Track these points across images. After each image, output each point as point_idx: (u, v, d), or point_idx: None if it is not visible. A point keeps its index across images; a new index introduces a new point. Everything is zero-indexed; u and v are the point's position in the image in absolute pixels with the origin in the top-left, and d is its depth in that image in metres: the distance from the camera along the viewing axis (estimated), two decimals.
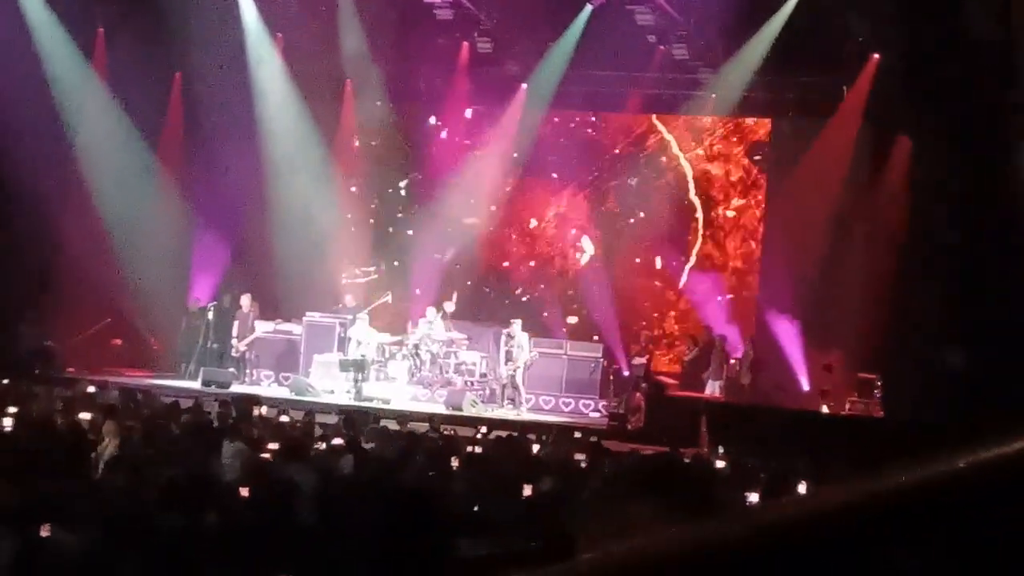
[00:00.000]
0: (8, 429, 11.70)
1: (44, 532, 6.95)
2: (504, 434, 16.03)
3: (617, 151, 28.54)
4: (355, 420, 15.36)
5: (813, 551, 1.45)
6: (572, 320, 27.91)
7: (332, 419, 15.96)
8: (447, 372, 24.23)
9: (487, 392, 24.16)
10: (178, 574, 6.44)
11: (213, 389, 22.23)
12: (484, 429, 17.12)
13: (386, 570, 6.21)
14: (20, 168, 23.22)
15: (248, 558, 6.71)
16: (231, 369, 24.43)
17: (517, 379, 23.75)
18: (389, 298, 26.20)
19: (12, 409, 12.92)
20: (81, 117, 25.87)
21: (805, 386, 24.81)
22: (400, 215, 29.62)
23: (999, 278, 20.55)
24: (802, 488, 10.44)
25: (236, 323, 25.13)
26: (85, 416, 12.35)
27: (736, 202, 27.90)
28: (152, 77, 26.27)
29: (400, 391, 23.85)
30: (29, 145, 23.36)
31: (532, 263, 29.12)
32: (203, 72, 26.46)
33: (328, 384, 23.80)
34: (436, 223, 28.18)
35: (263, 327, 25.33)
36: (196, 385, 23.24)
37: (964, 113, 21.15)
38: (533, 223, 29.28)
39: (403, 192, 29.63)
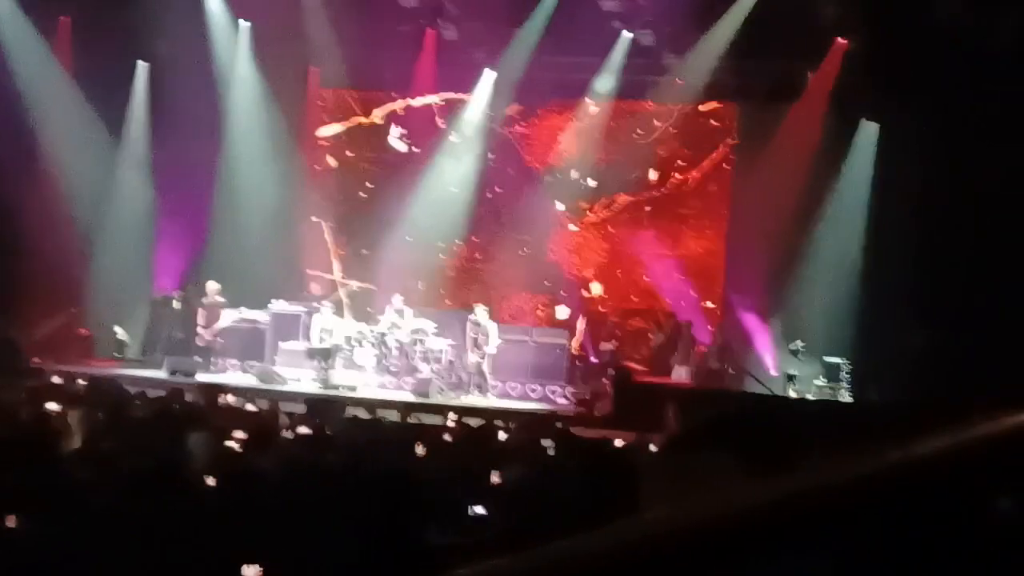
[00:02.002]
0: None
1: (9, 523, 6.90)
2: (472, 421, 16.01)
3: None
4: (322, 408, 15.32)
5: (788, 538, 1.44)
6: (543, 313, 27.80)
7: (299, 407, 15.90)
8: (414, 359, 24.21)
9: (454, 379, 24.14)
10: (145, 564, 6.40)
11: (178, 378, 22.15)
12: (452, 416, 17.09)
13: (355, 559, 6.19)
14: None
15: (215, 548, 6.68)
16: (196, 358, 24.34)
17: (484, 366, 23.76)
18: (355, 286, 26.18)
19: None
20: (45, 107, 25.75)
21: (773, 371, 24.88)
22: (365, 199, 29.47)
23: (965, 262, 20.63)
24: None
25: (202, 312, 25.04)
26: (51, 406, 12.27)
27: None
28: (116, 66, 26.22)
29: (367, 379, 23.85)
30: None
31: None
32: (168, 60, 26.40)
33: (295, 372, 23.77)
34: (404, 207, 28.13)
35: (229, 316, 25.26)
36: (162, 374, 23.15)
37: (931, 98, 21.20)
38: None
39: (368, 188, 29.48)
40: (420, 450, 11.24)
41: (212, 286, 25.16)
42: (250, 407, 15.41)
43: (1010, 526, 1.47)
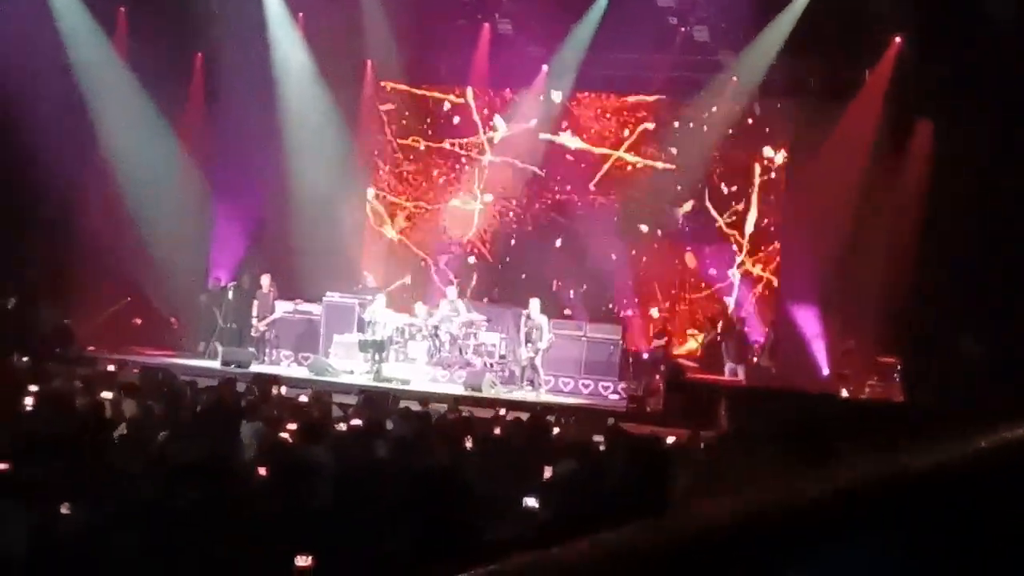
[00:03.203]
0: (29, 408, 11.71)
1: (64, 510, 6.96)
2: (523, 415, 16.00)
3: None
4: (375, 400, 15.36)
5: (828, 533, 1.46)
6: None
7: (352, 399, 15.94)
8: (466, 353, 24.23)
9: (506, 373, 24.15)
10: (196, 554, 6.43)
11: (233, 369, 22.24)
12: (503, 411, 17.08)
13: (406, 551, 6.20)
14: (42, 149, 23.27)
15: (266, 538, 6.71)
16: (250, 349, 24.46)
17: (537, 361, 23.73)
18: (408, 280, 26.22)
19: (32, 388, 12.93)
20: (102, 98, 25.95)
21: (825, 370, 24.76)
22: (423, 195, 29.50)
23: (1020, 266, 20.46)
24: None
25: (256, 303, 25.17)
26: (105, 395, 12.35)
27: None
28: (173, 57, 26.34)
29: (419, 372, 23.88)
30: (51, 126, 23.39)
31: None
32: (224, 52, 26.51)
33: (348, 364, 23.83)
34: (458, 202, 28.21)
35: (283, 307, 25.38)
36: (216, 365, 23.26)
37: (988, 97, 21.04)
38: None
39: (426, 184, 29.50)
40: (470, 444, 11.26)
41: (265, 278, 25.30)
42: (303, 398, 15.45)
43: None
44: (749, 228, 27.36)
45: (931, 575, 1.49)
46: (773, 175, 27.33)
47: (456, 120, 29.20)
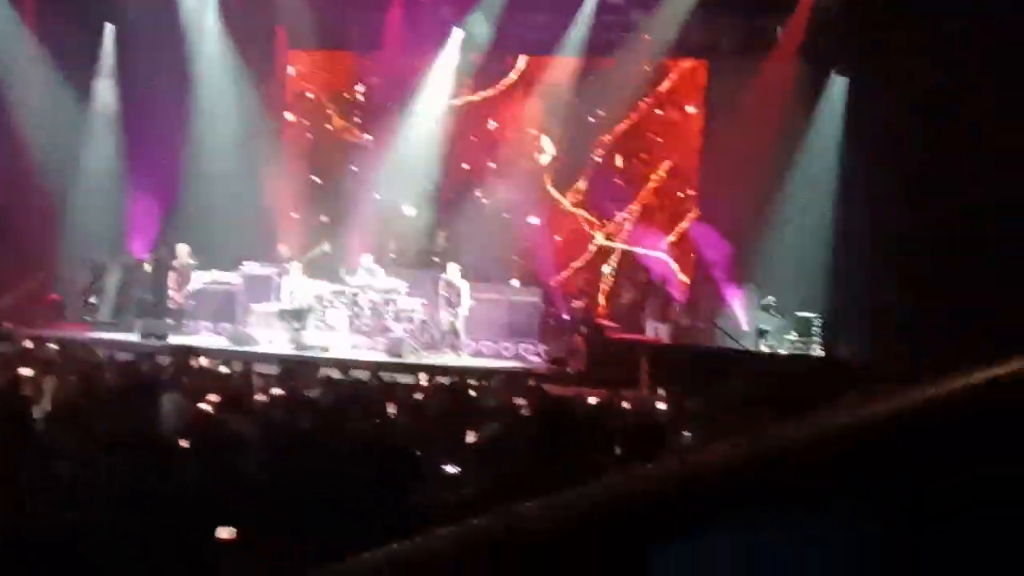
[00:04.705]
0: None
1: None
2: (446, 380, 16.01)
3: None
4: (296, 369, 15.30)
5: (750, 493, 1.45)
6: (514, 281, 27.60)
7: (272, 369, 15.87)
8: (386, 319, 24.17)
9: (427, 338, 24.11)
10: (119, 528, 6.37)
11: (151, 341, 22.07)
12: (424, 376, 17.08)
13: (336, 521, 6.18)
14: None
15: (189, 510, 6.66)
16: (168, 320, 24.26)
17: (458, 325, 23.75)
18: (327, 247, 26.11)
19: None
20: (11, 70, 25.55)
21: (745, 326, 24.94)
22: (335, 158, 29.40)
23: (935, 215, 20.63)
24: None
25: (172, 274, 24.95)
26: (23, 371, 12.21)
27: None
28: (83, 28, 26.03)
29: (340, 340, 23.81)
30: None
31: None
32: (135, 21, 26.21)
33: (267, 334, 23.72)
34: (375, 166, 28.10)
35: (200, 278, 25.18)
36: (134, 337, 23.06)
37: (899, 49, 21.17)
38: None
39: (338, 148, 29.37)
40: (392, 410, 11.24)
41: (182, 248, 25.08)
42: (223, 369, 15.36)
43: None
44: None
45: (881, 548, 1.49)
46: (690, 136, 27.47)
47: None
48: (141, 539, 6.35)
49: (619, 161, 28.17)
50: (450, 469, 8.07)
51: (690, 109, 27.86)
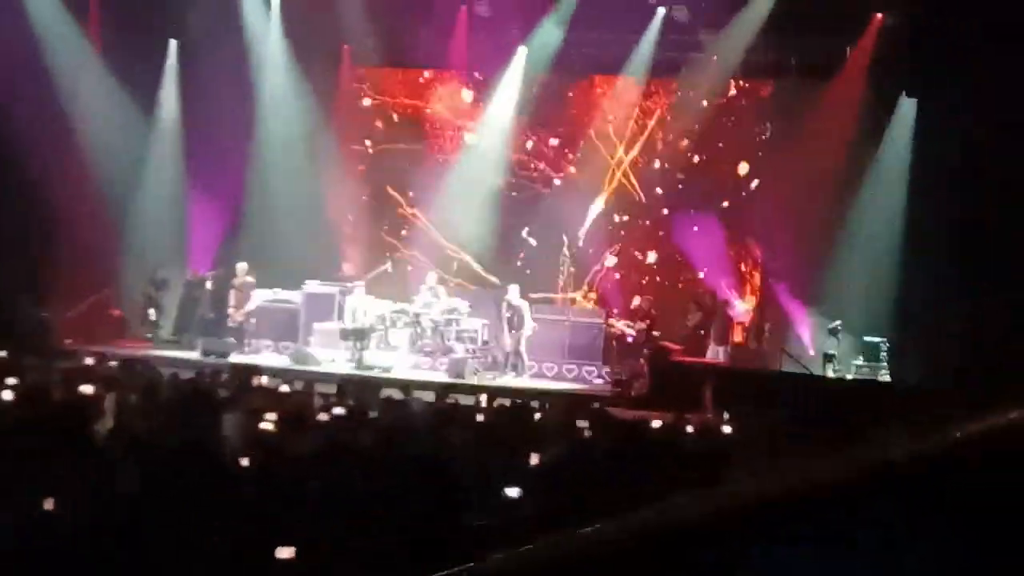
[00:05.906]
0: (7, 401, 11.58)
1: (47, 506, 6.86)
2: (507, 402, 15.96)
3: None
4: (356, 389, 15.29)
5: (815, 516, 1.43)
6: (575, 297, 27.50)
7: (333, 388, 15.86)
8: (448, 340, 24.18)
9: (489, 360, 24.12)
10: (179, 545, 6.35)
11: (212, 359, 22.16)
12: (484, 397, 17.04)
13: (390, 541, 6.13)
14: (16, 139, 23.11)
15: (248, 529, 6.64)
16: (230, 339, 24.37)
17: (520, 347, 23.74)
18: (389, 267, 26.15)
19: (11, 381, 12.80)
20: (76, 86, 25.78)
21: (811, 350, 24.78)
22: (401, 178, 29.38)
23: (1004, 240, 20.43)
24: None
25: (232, 293, 25.07)
26: (85, 389, 12.25)
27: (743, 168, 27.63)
28: (147, 43, 26.26)
29: (401, 360, 23.82)
30: (24, 115, 23.21)
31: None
32: (199, 38, 26.40)
33: (329, 353, 23.77)
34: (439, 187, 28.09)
35: (262, 296, 25.29)
36: (196, 356, 23.16)
37: (970, 72, 20.98)
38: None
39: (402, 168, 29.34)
40: (454, 431, 11.17)
41: (241, 267, 25.22)
42: (284, 388, 15.36)
43: None
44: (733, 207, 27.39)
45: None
46: (760, 154, 27.27)
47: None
48: (202, 556, 6.32)
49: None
50: (511, 492, 7.98)
51: (757, 132, 27.63)
